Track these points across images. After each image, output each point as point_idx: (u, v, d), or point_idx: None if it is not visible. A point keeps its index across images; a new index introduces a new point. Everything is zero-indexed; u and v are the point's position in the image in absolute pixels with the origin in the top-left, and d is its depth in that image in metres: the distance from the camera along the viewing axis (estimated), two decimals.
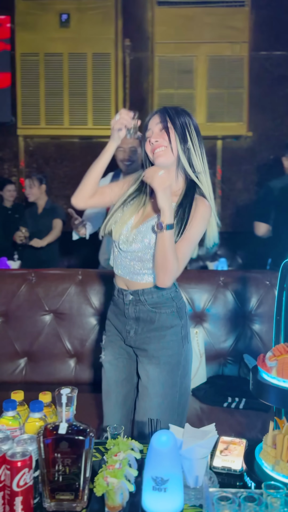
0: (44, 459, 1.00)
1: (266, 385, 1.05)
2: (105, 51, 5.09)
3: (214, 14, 5.00)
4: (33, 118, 5.05)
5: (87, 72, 5.07)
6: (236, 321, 2.19)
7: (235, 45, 5.12)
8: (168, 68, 5.07)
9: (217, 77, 5.07)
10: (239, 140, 5.20)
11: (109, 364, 1.52)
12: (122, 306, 1.46)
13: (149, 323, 1.43)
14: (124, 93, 5.19)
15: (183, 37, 5.04)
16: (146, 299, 1.42)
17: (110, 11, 5.03)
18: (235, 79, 5.08)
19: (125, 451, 1.08)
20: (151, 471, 0.95)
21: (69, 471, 1.00)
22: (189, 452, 1.03)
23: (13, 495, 0.95)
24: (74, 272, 2.26)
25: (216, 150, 5.26)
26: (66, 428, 0.99)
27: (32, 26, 5.01)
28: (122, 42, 5.15)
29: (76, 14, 5.02)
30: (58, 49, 5.06)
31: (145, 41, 5.17)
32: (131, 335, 1.45)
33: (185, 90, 5.10)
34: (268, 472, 1.07)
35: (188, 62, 5.10)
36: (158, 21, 5.02)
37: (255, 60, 5.13)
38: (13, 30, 5.06)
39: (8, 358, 2.14)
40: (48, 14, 4.99)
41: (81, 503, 1.01)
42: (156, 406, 1.41)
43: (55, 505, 1.01)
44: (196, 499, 1.04)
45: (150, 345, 1.43)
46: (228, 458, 1.19)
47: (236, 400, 1.90)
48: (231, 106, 5.09)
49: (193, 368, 2.07)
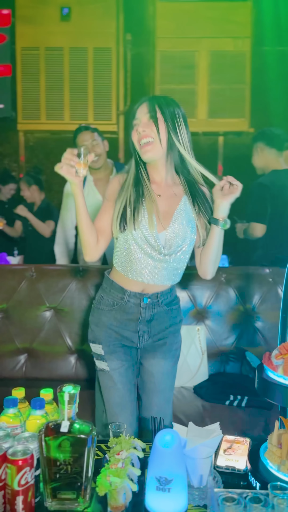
0: (45, 458, 0.98)
1: (272, 383, 1.03)
2: (106, 45, 5.05)
3: (216, 8, 4.96)
4: (33, 113, 5.02)
5: (87, 67, 5.03)
6: (238, 318, 2.18)
7: (237, 40, 5.08)
8: (169, 63, 5.03)
9: (219, 72, 5.03)
10: (241, 137, 5.17)
11: (118, 374, 1.44)
12: (134, 310, 1.42)
13: (162, 322, 1.45)
14: (125, 88, 5.16)
15: (184, 31, 5.00)
16: (163, 300, 1.44)
17: (112, 5, 4.99)
18: (237, 74, 5.04)
19: (127, 450, 1.06)
20: (155, 470, 0.93)
21: (71, 470, 0.98)
22: (193, 452, 1.01)
23: (14, 494, 0.93)
24: (75, 268, 2.23)
25: (217, 146, 5.23)
26: (68, 426, 0.97)
27: (32, 20, 4.96)
28: (123, 36, 5.11)
29: (77, 8, 4.98)
30: (59, 43, 5.02)
31: (147, 35, 5.13)
32: (145, 338, 1.45)
33: (187, 85, 5.06)
34: (273, 472, 1.06)
35: (189, 57, 5.06)
36: (159, 16, 4.97)
37: (257, 56, 5.09)
38: (13, 23, 5.02)
39: (8, 354, 2.12)
40: (49, 8, 4.95)
41: (83, 503, 1.00)
42: (169, 399, 1.49)
43: (56, 504, 0.99)
44: (200, 499, 1.02)
45: (167, 339, 1.47)
46: (232, 457, 1.17)
47: (239, 398, 1.88)
48: (233, 102, 5.06)
49: (195, 366, 2.07)
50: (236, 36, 5.00)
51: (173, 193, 1.41)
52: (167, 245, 1.37)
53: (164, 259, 1.38)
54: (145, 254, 1.37)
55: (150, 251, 1.36)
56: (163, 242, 1.37)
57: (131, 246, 1.37)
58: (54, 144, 5.18)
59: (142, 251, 1.37)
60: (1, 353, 2.12)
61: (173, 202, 1.40)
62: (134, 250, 1.37)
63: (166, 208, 1.39)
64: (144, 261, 1.37)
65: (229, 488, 0.96)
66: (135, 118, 1.38)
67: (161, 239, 1.37)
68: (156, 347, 1.46)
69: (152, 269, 1.38)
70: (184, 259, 1.42)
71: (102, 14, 4.98)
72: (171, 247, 1.37)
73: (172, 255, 1.38)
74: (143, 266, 1.38)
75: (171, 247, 1.37)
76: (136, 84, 5.15)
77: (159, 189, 1.41)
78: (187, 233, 1.39)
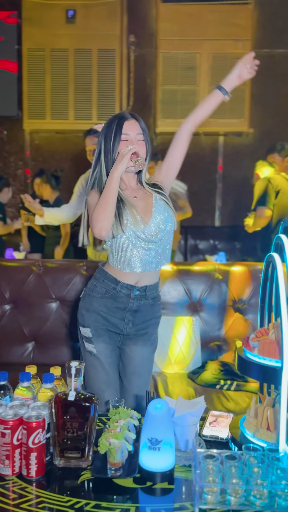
0: (55, 423, 1.15)
1: (249, 362, 1.20)
2: (110, 47, 5.18)
3: (218, 11, 5.07)
4: (38, 112, 5.17)
5: (92, 68, 5.17)
6: (230, 310, 2.34)
7: (238, 43, 5.19)
8: (171, 64, 5.16)
9: (219, 73, 5.11)
10: (241, 137, 5.30)
11: (104, 355, 1.62)
12: (124, 300, 1.61)
13: (146, 314, 1.65)
14: (128, 89, 5.30)
15: (186, 34, 5.12)
16: (149, 294, 1.64)
17: (116, 8, 5.11)
18: None
19: (125, 419, 1.23)
20: (147, 433, 1.10)
21: (76, 433, 1.16)
22: (180, 420, 1.19)
23: (29, 451, 1.10)
24: (79, 263, 2.41)
25: (217, 146, 5.37)
26: (75, 396, 1.14)
27: (38, 22, 5.10)
28: (127, 38, 5.24)
29: (82, 11, 5.11)
30: (64, 45, 5.15)
31: (150, 37, 5.26)
32: (129, 326, 1.64)
33: (188, 86, 5.19)
34: (249, 438, 1.23)
35: (191, 58, 5.19)
36: (162, 18, 5.10)
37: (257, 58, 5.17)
38: (20, 25, 5.17)
39: (17, 341, 2.30)
40: (55, 10, 5.09)
41: (87, 461, 1.17)
42: (148, 381, 1.69)
43: (64, 462, 1.17)
44: (186, 460, 1.20)
45: (148, 329, 1.66)
46: (216, 428, 1.35)
47: (228, 383, 2.05)
48: (233, 103, 5.16)
49: (189, 354, 2.24)
50: (237, 39, 5.12)
51: (143, 193, 1.65)
52: (154, 234, 1.58)
53: (154, 245, 1.59)
54: (138, 247, 1.57)
55: (142, 243, 1.57)
56: (151, 232, 1.57)
57: (125, 245, 1.57)
58: (59, 143, 5.35)
59: (135, 246, 1.57)
60: (11, 340, 2.30)
61: (148, 199, 1.63)
62: (129, 248, 1.57)
63: (144, 206, 1.61)
64: (139, 253, 1.57)
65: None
66: (125, 133, 1.57)
67: (148, 231, 1.57)
68: (138, 335, 1.66)
69: (145, 257, 1.58)
70: (169, 238, 1.63)
71: (106, 16, 5.11)
72: (157, 234, 1.58)
73: (160, 240, 1.60)
74: (139, 258, 1.57)
75: (157, 234, 1.58)
76: (139, 84, 5.29)
77: (134, 192, 1.64)
78: (168, 218, 1.61)
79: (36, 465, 1.11)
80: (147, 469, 1.11)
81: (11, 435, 1.11)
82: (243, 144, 5.33)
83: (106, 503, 1.04)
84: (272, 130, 5.21)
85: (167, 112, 5.12)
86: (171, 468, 1.12)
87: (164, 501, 1.06)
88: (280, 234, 1.22)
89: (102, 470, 1.13)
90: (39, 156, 5.39)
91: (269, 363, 1.15)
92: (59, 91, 5.17)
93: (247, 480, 1.02)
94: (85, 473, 1.15)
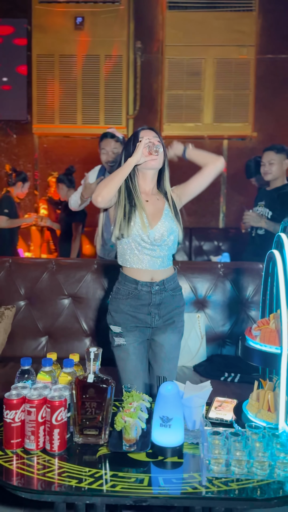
0: (75, 403, 1.27)
1: (251, 349, 1.32)
2: (118, 53, 5.30)
3: (223, 18, 5.18)
4: (47, 117, 5.30)
5: (99, 73, 5.29)
6: (234, 307, 2.46)
7: (242, 48, 5.30)
8: (177, 69, 5.27)
9: (224, 79, 5.27)
10: (245, 140, 5.41)
11: (133, 348, 1.76)
12: (147, 297, 1.74)
13: (169, 305, 1.79)
14: (134, 94, 5.42)
15: (192, 40, 5.23)
16: (168, 287, 1.78)
17: (123, 15, 5.23)
18: (242, 81, 5.27)
19: (138, 401, 1.35)
20: (159, 411, 1.22)
21: (95, 412, 1.28)
22: (188, 401, 1.30)
23: (52, 428, 1.22)
24: (90, 262, 2.53)
25: (222, 150, 5.48)
26: (93, 378, 1.26)
27: (48, 29, 5.24)
28: (134, 44, 5.36)
29: (90, 18, 5.24)
30: (73, 51, 5.28)
31: (156, 43, 5.39)
32: (156, 319, 1.77)
33: (193, 91, 5.30)
34: (251, 419, 1.34)
35: (196, 64, 5.30)
36: (168, 25, 5.22)
37: (261, 63, 5.33)
38: (30, 32, 5.31)
39: (32, 336, 2.42)
40: (64, 18, 5.22)
41: (103, 439, 1.29)
42: (176, 366, 1.86)
43: (82, 439, 1.29)
44: (194, 438, 1.31)
45: (174, 318, 1.81)
46: (221, 412, 1.46)
47: (232, 375, 2.17)
48: (237, 107, 5.29)
49: (195, 348, 2.35)
50: (241, 45, 5.23)
51: (156, 199, 1.79)
52: (157, 239, 1.72)
53: (157, 248, 1.73)
54: (142, 247, 1.72)
55: (146, 244, 1.72)
56: (154, 237, 1.72)
57: (131, 244, 1.72)
58: (67, 147, 5.48)
59: (139, 245, 1.72)
60: (26, 335, 2.43)
61: (159, 206, 1.78)
62: (134, 247, 1.72)
63: (153, 211, 1.76)
64: (143, 254, 1.72)
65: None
66: (142, 137, 1.72)
67: (153, 235, 1.72)
68: (166, 325, 1.80)
69: (150, 257, 1.73)
70: (173, 245, 1.78)
71: (114, 23, 5.24)
72: (160, 240, 1.73)
73: (162, 245, 1.74)
74: (144, 258, 1.72)
75: (160, 240, 1.73)
76: (145, 89, 5.41)
77: (147, 197, 1.78)
78: (173, 228, 1.76)
79: (58, 440, 1.23)
80: (159, 445, 1.23)
81: (36, 413, 1.23)
82: (247, 147, 5.43)
83: (123, 473, 1.16)
84: (275, 133, 5.33)
85: (172, 116, 5.24)
86: (180, 444, 1.23)
87: (174, 473, 1.18)
88: (280, 233, 1.34)
89: (118, 446, 1.25)
90: (47, 159, 5.52)
91: (269, 350, 1.27)
92: (67, 96, 5.30)
93: (249, 453, 1.13)
94: (102, 449, 1.27)
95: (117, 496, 1.09)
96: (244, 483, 1.12)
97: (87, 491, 1.10)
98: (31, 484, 1.13)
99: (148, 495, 1.09)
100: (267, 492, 1.10)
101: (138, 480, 1.13)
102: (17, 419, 1.24)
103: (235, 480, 1.13)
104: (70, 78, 5.27)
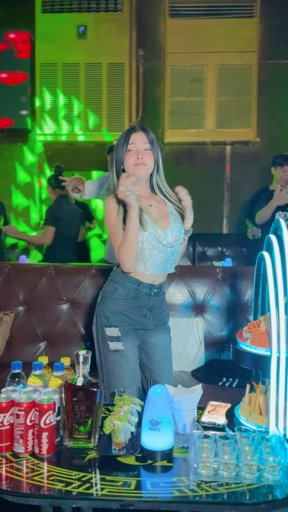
0: (64, 407, 1.27)
1: (242, 352, 1.31)
2: (120, 61, 5.34)
3: (224, 25, 5.22)
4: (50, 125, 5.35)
5: (102, 81, 5.35)
6: (233, 312, 2.44)
7: (244, 55, 5.33)
8: (179, 76, 5.31)
9: (226, 85, 5.29)
10: (247, 146, 5.42)
11: (132, 352, 1.73)
12: (145, 299, 1.74)
13: (159, 307, 1.82)
14: (137, 101, 5.46)
15: (194, 47, 5.27)
16: (163, 290, 1.82)
17: (125, 23, 5.29)
18: (244, 87, 5.29)
19: (128, 405, 1.34)
20: (148, 414, 1.21)
21: (84, 416, 1.27)
22: (179, 404, 1.29)
23: (41, 431, 1.22)
24: (88, 267, 2.53)
25: (225, 155, 5.49)
26: (82, 381, 1.26)
27: (51, 38, 5.31)
28: (136, 52, 5.41)
29: (92, 26, 5.30)
30: (75, 59, 5.34)
31: (158, 51, 5.43)
32: (151, 321, 1.78)
33: (196, 98, 5.33)
34: (243, 422, 1.33)
35: (198, 71, 5.33)
36: (170, 32, 5.26)
37: (263, 69, 5.35)
38: (33, 41, 5.38)
39: (30, 341, 2.43)
40: (66, 27, 5.29)
41: (93, 443, 1.28)
42: (171, 365, 1.86)
43: (73, 443, 1.28)
44: (184, 442, 1.30)
45: (166, 319, 1.85)
46: (214, 416, 1.45)
47: (230, 380, 2.15)
48: (240, 113, 5.31)
49: (193, 353, 2.34)
50: (243, 51, 5.26)
51: (157, 202, 1.78)
52: (172, 239, 1.73)
53: (171, 249, 1.74)
54: (158, 250, 1.71)
55: (161, 247, 1.71)
56: (168, 239, 1.72)
57: (146, 248, 1.70)
58: (70, 154, 5.52)
59: (155, 249, 1.71)
60: (24, 340, 2.43)
61: (162, 208, 1.78)
62: (149, 249, 1.70)
63: (159, 213, 1.75)
64: (158, 255, 1.71)
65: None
66: (132, 143, 1.70)
67: (167, 236, 1.72)
68: (157, 326, 1.82)
69: (164, 259, 1.73)
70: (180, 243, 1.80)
71: (116, 31, 5.29)
72: (175, 240, 1.75)
73: (175, 245, 1.76)
74: (158, 259, 1.72)
75: (175, 240, 1.75)
76: (148, 97, 5.45)
77: (148, 201, 1.76)
78: (181, 227, 1.78)
79: (47, 444, 1.23)
80: (148, 448, 1.22)
81: (25, 416, 1.22)
82: (250, 153, 5.44)
83: (110, 477, 1.15)
84: (278, 139, 5.33)
85: (175, 123, 5.27)
86: (170, 447, 1.22)
87: (163, 477, 1.17)
88: (270, 235, 1.33)
89: (107, 450, 1.24)
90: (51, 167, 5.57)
91: (259, 352, 1.26)
92: (70, 104, 5.34)
93: (237, 456, 1.12)
94: (91, 452, 1.26)
95: (103, 500, 1.08)
96: (233, 487, 1.11)
97: (74, 495, 1.09)
98: (19, 487, 1.12)
99: (135, 499, 1.08)
100: (256, 496, 1.08)
101: (125, 484, 1.13)
102: (5, 422, 1.24)
103: (224, 484, 1.12)
104: (73, 86, 5.33)
